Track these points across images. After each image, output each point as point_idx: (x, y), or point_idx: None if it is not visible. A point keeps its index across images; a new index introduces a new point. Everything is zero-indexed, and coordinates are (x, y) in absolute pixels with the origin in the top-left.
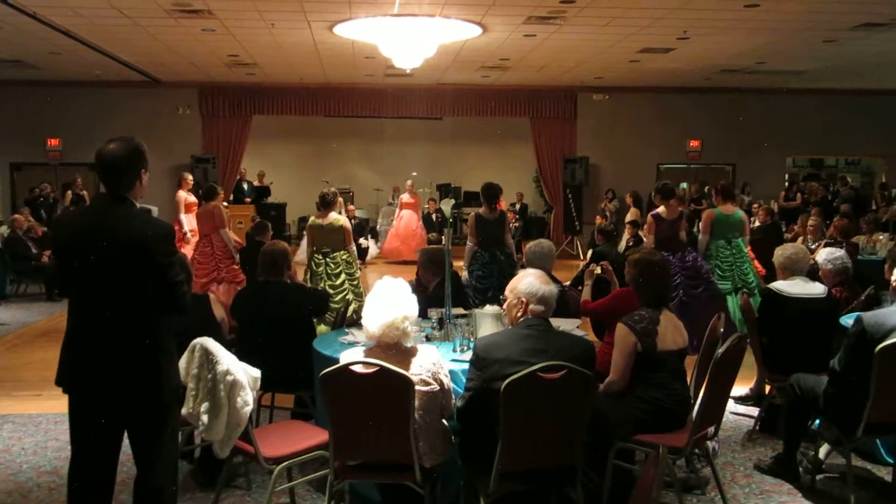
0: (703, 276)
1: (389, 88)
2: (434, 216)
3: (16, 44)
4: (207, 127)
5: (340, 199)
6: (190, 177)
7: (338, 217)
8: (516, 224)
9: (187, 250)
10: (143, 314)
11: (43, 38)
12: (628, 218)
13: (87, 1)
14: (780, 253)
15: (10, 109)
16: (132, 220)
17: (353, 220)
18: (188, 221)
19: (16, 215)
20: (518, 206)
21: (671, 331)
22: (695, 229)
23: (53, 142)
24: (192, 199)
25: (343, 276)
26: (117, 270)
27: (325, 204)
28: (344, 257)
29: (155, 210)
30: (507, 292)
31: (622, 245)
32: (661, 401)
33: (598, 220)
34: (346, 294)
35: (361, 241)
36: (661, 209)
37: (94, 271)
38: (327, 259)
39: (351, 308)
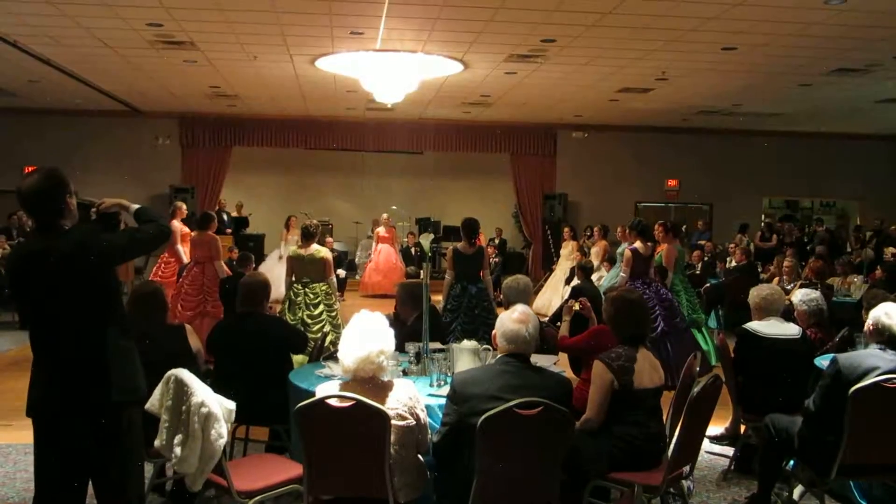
0: (677, 308)
1: (370, 122)
2: (413, 250)
3: None
4: (187, 157)
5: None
6: (184, 206)
7: (319, 248)
8: (496, 259)
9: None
10: (91, 325)
11: (22, 66)
12: (600, 254)
13: (68, 31)
14: (756, 293)
15: None
16: (62, 241)
17: (332, 252)
18: (183, 253)
19: None
20: (497, 241)
21: (648, 369)
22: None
23: (30, 170)
24: (186, 229)
25: (322, 307)
26: (59, 290)
27: (308, 235)
28: (323, 288)
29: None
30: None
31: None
32: (636, 438)
33: (578, 256)
34: (324, 325)
35: (339, 271)
36: (638, 245)
37: (40, 297)
38: (306, 289)
39: (328, 339)
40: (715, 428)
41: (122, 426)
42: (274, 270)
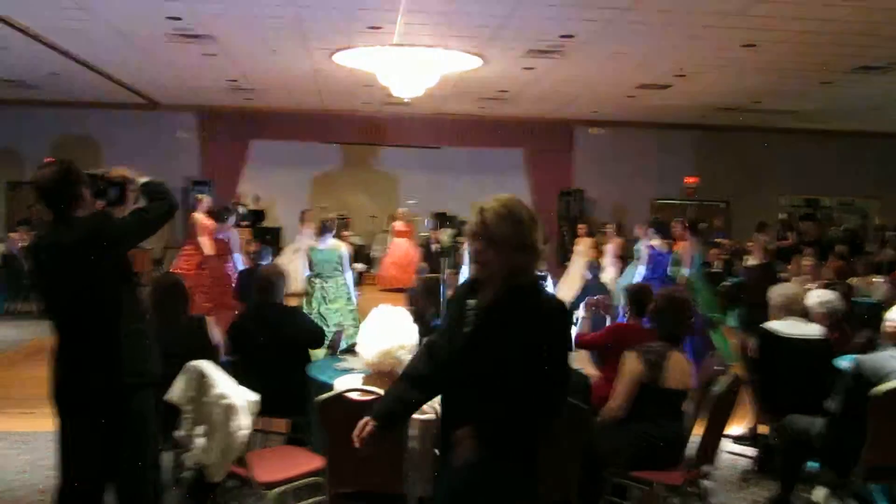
0: (694, 307)
1: (388, 117)
2: (432, 246)
3: (17, 64)
4: (205, 151)
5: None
6: (206, 198)
7: (338, 243)
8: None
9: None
10: (105, 312)
11: (43, 59)
12: (614, 251)
13: (88, 24)
14: (778, 292)
15: (8, 129)
16: (74, 230)
17: (350, 247)
18: (206, 245)
19: (11, 234)
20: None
21: (678, 370)
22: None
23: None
24: (209, 221)
25: (340, 301)
26: (73, 280)
27: (325, 230)
28: (341, 283)
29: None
30: None
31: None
32: (655, 438)
33: (594, 253)
34: (343, 319)
35: (358, 265)
36: (655, 242)
37: (56, 287)
38: (325, 284)
39: (346, 333)
40: (736, 428)
41: (132, 409)
42: (290, 264)
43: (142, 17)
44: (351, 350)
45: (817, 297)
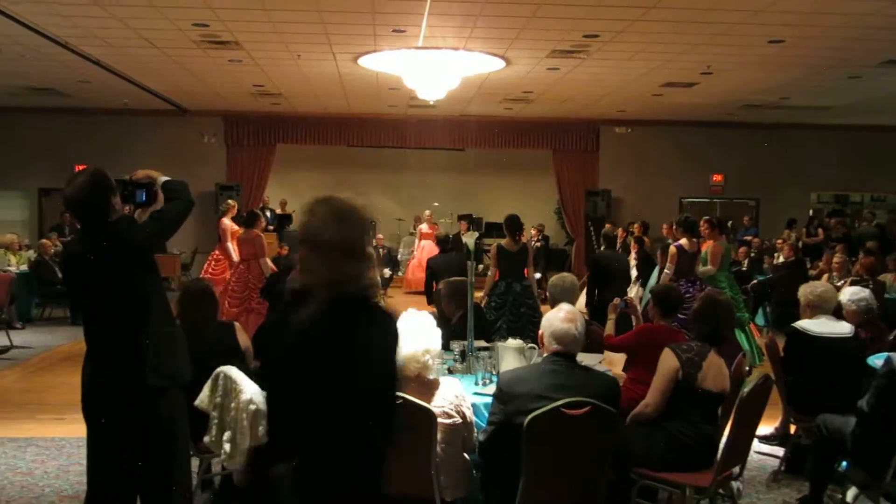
0: None
1: (412, 119)
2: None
3: (48, 72)
4: (232, 155)
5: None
6: (234, 204)
7: None
8: (539, 243)
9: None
10: (132, 315)
11: (74, 67)
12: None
13: (117, 31)
14: (809, 290)
15: (40, 136)
16: (102, 237)
17: (381, 250)
18: (233, 250)
19: (43, 240)
20: (540, 244)
21: (714, 372)
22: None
23: (81, 168)
24: (236, 227)
25: None
26: (103, 284)
27: None
28: None
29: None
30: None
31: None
32: (688, 438)
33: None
34: None
35: (385, 270)
36: (683, 241)
37: (87, 292)
38: None
39: None
40: (765, 427)
41: (161, 411)
42: None
43: (169, 24)
44: None
45: (850, 293)
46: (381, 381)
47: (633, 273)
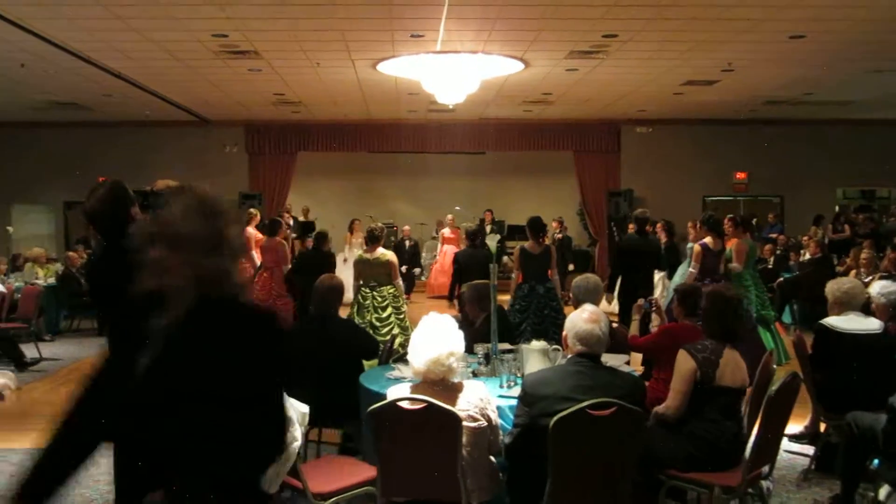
0: (746, 308)
1: (432, 124)
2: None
3: (71, 87)
4: (254, 164)
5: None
6: (257, 213)
7: (384, 252)
8: (560, 234)
9: None
10: None
11: (96, 80)
12: None
13: (138, 44)
14: (836, 287)
15: (64, 149)
16: (121, 249)
17: (406, 242)
18: (256, 258)
19: (70, 253)
20: (561, 236)
21: (732, 367)
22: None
23: (100, 180)
24: (259, 235)
25: (390, 310)
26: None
27: (373, 239)
28: (391, 291)
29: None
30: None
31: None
32: (714, 436)
33: None
34: (393, 328)
35: (415, 269)
36: (708, 240)
37: (108, 307)
38: (374, 293)
39: (397, 342)
40: (794, 426)
41: None
42: (339, 274)
43: (189, 35)
44: (402, 358)
45: (880, 287)
46: (261, 387)
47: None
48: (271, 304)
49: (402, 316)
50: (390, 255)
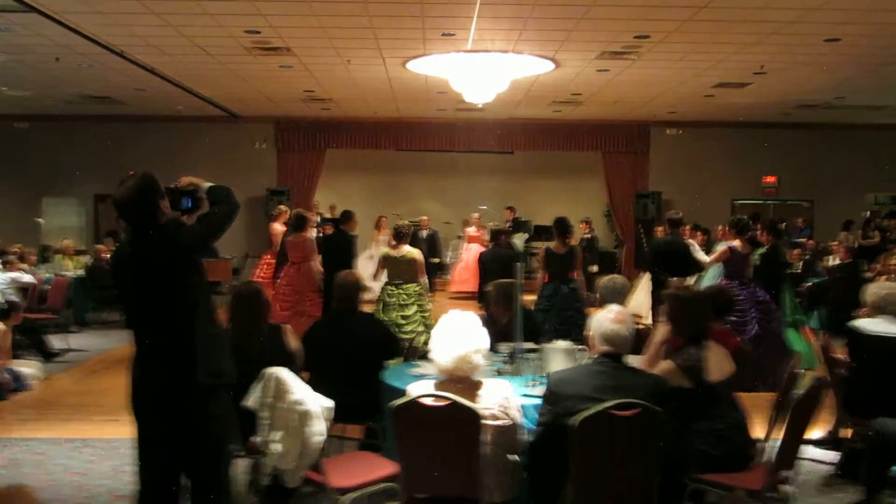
0: (773, 311)
1: (460, 123)
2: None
3: (105, 81)
4: (282, 160)
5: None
6: (286, 209)
7: (410, 250)
8: (588, 234)
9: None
10: (181, 316)
11: (129, 75)
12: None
13: (171, 40)
14: (875, 291)
15: (96, 143)
16: (151, 241)
17: (423, 232)
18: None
19: (99, 245)
20: (589, 236)
21: (718, 361)
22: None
23: (131, 174)
24: (282, 229)
25: (414, 307)
26: (152, 287)
27: (399, 236)
28: (416, 289)
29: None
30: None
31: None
32: (723, 430)
33: None
34: (417, 325)
35: (434, 259)
36: (736, 243)
37: (136, 295)
38: (399, 290)
39: (422, 339)
40: (817, 431)
41: (211, 409)
42: (365, 270)
43: (222, 31)
44: (425, 356)
45: None
46: None
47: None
48: (297, 300)
49: (426, 314)
50: (416, 253)
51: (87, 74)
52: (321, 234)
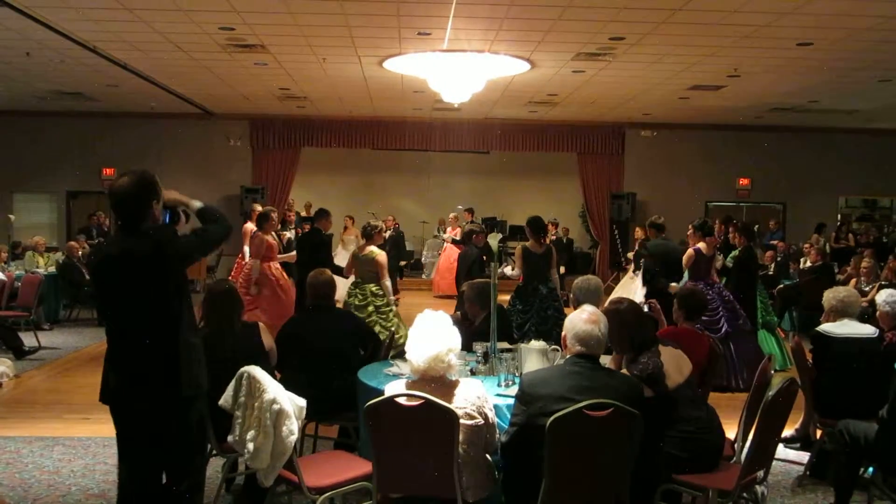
0: (739, 310)
1: (437, 122)
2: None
3: (76, 76)
4: (257, 158)
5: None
6: (260, 208)
7: (373, 250)
8: (554, 236)
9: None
10: (163, 324)
11: (102, 70)
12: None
13: (144, 35)
14: (832, 295)
15: (68, 139)
16: (141, 242)
17: (388, 233)
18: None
19: (71, 242)
20: (565, 240)
21: (674, 364)
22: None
23: (108, 171)
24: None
25: (371, 308)
26: (136, 290)
27: (365, 235)
28: (373, 289)
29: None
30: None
31: None
32: (692, 433)
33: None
34: (374, 326)
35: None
36: (701, 245)
37: (118, 296)
38: (357, 290)
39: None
40: (787, 431)
41: (191, 419)
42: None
43: (196, 27)
44: (400, 355)
45: (886, 295)
46: None
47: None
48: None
49: (384, 315)
50: (377, 254)
51: (59, 70)
52: (298, 233)
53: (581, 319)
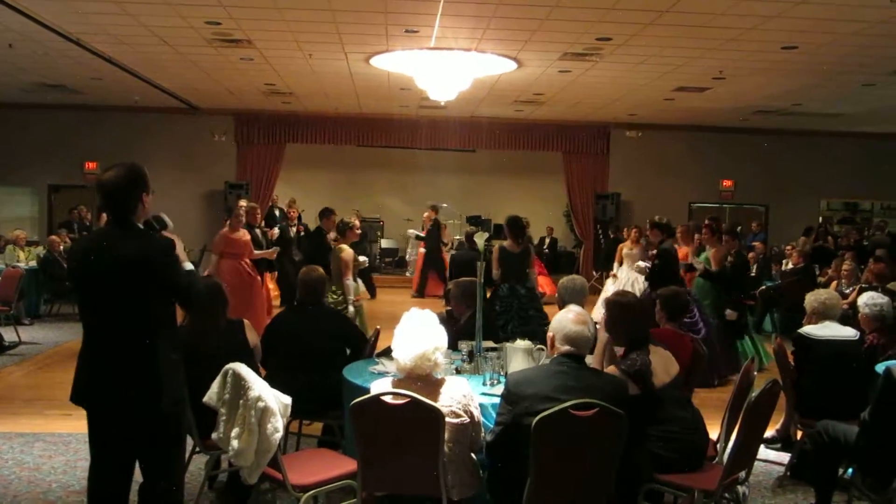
0: (702, 307)
1: (423, 120)
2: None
3: (60, 69)
4: (242, 154)
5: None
6: (244, 203)
7: (341, 247)
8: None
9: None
10: (145, 330)
11: (86, 63)
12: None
13: (129, 29)
14: (814, 298)
15: (51, 132)
16: (134, 241)
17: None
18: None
19: (52, 236)
20: (548, 241)
21: (662, 364)
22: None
23: (91, 165)
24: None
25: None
26: (121, 289)
27: (339, 232)
28: (332, 288)
29: (167, 218)
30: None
31: None
32: (677, 433)
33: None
34: None
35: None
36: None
37: (100, 292)
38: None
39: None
40: (768, 431)
41: (171, 432)
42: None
43: (182, 21)
44: (386, 353)
45: (867, 298)
46: None
47: None
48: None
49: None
50: (343, 252)
51: (42, 62)
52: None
53: (569, 320)
